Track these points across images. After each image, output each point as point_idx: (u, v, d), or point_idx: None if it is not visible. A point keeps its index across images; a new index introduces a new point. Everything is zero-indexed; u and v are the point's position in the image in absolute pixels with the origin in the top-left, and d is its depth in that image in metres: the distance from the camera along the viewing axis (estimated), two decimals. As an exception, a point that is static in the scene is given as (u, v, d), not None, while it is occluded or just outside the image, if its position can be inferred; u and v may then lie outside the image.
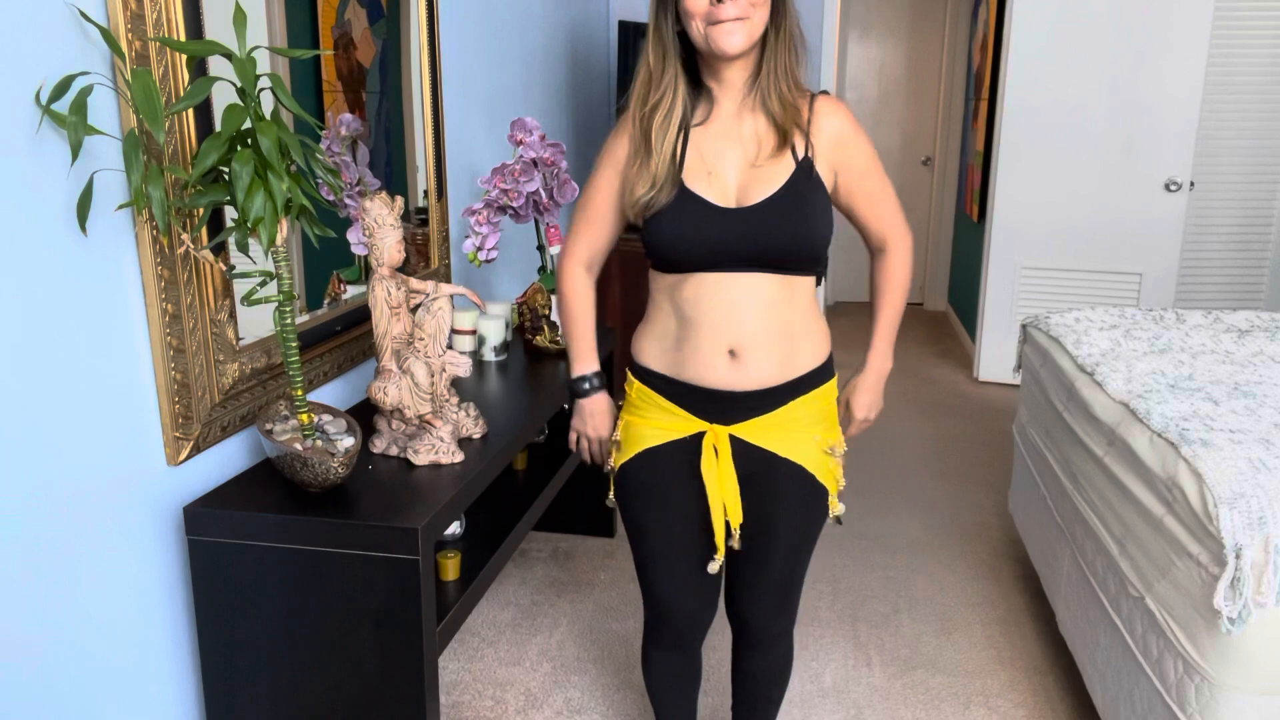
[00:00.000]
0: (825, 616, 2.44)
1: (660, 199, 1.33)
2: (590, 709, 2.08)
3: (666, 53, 1.34)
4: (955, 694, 2.12)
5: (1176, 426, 1.67)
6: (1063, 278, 4.27)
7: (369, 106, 2.04)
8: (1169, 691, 1.53)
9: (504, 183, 2.32)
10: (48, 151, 1.21)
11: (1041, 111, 4.13)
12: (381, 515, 1.42)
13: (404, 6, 2.19)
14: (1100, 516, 1.89)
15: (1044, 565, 2.30)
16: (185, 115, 1.39)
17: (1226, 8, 4.01)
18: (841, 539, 2.88)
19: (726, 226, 1.31)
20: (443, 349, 1.64)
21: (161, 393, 1.43)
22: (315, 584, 1.42)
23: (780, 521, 1.43)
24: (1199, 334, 2.37)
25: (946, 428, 3.89)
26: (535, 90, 3.32)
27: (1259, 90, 4.14)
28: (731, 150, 1.35)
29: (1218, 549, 1.40)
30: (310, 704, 1.48)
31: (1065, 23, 4.02)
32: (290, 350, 1.43)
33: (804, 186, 1.33)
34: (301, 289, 1.81)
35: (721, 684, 2.13)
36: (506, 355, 2.36)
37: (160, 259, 1.38)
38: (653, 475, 1.44)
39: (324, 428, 1.53)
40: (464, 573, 1.73)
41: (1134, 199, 4.12)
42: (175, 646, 1.53)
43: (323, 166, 1.41)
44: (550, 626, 2.40)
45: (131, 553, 1.42)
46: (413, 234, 2.28)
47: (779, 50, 1.33)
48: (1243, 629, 1.37)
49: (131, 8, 1.28)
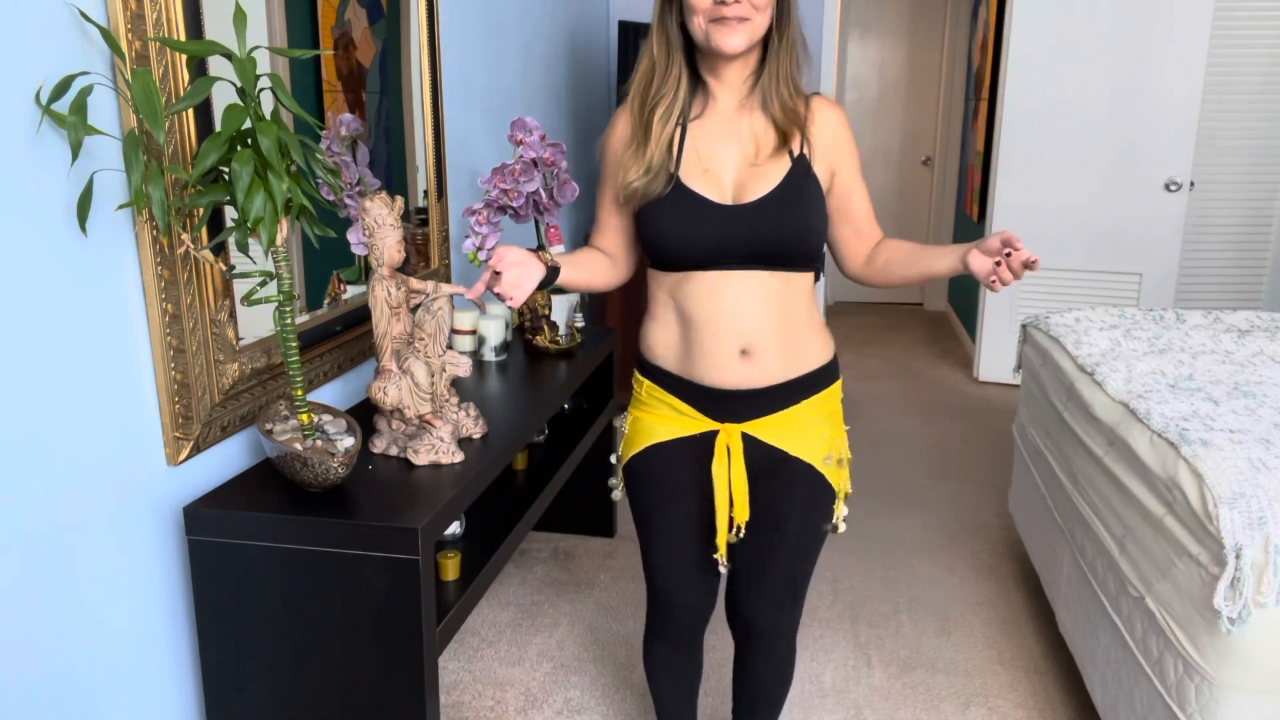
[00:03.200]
0: (825, 616, 2.44)
1: (653, 187, 1.33)
2: (590, 709, 2.08)
3: (671, 46, 1.34)
4: (955, 694, 2.12)
5: (1176, 426, 1.67)
6: (1063, 278, 4.27)
7: (369, 106, 2.04)
8: (1169, 691, 1.53)
9: (504, 183, 2.32)
10: (48, 151, 1.21)
11: (1041, 111, 4.13)
12: (381, 515, 1.42)
13: (404, 6, 2.19)
14: (1100, 516, 1.89)
15: (1044, 565, 2.30)
16: (185, 115, 1.39)
17: (1226, 8, 4.01)
18: (842, 539, 2.88)
19: (724, 223, 1.32)
20: (443, 349, 1.64)
21: (161, 393, 1.43)
22: (315, 584, 1.42)
23: (789, 520, 1.43)
24: (1199, 334, 2.37)
25: (946, 428, 3.89)
26: (535, 90, 3.32)
27: (1259, 90, 4.14)
28: (729, 148, 1.35)
29: (1218, 549, 1.40)
30: (310, 704, 1.48)
31: (1065, 23, 4.02)
32: (290, 350, 1.43)
33: (801, 183, 1.33)
34: (301, 289, 1.81)
35: (722, 684, 2.13)
36: (506, 355, 2.36)
37: (160, 259, 1.38)
38: (661, 469, 1.45)
39: (324, 428, 1.53)
40: (464, 573, 1.73)
41: (1134, 199, 4.12)
42: (175, 646, 1.53)
43: (323, 166, 1.41)
44: (550, 626, 2.40)
45: (131, 553, 1.42)
46: (413, 234, 2.28)
47: (781, 54, 1.34)
48: (1243, 629, 1.37)
49: (131, 8, 1.28)
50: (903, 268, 1.40)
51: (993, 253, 1.22)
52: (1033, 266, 1.18)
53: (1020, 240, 1.18)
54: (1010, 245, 1.19)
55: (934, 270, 1.36)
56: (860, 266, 1.46)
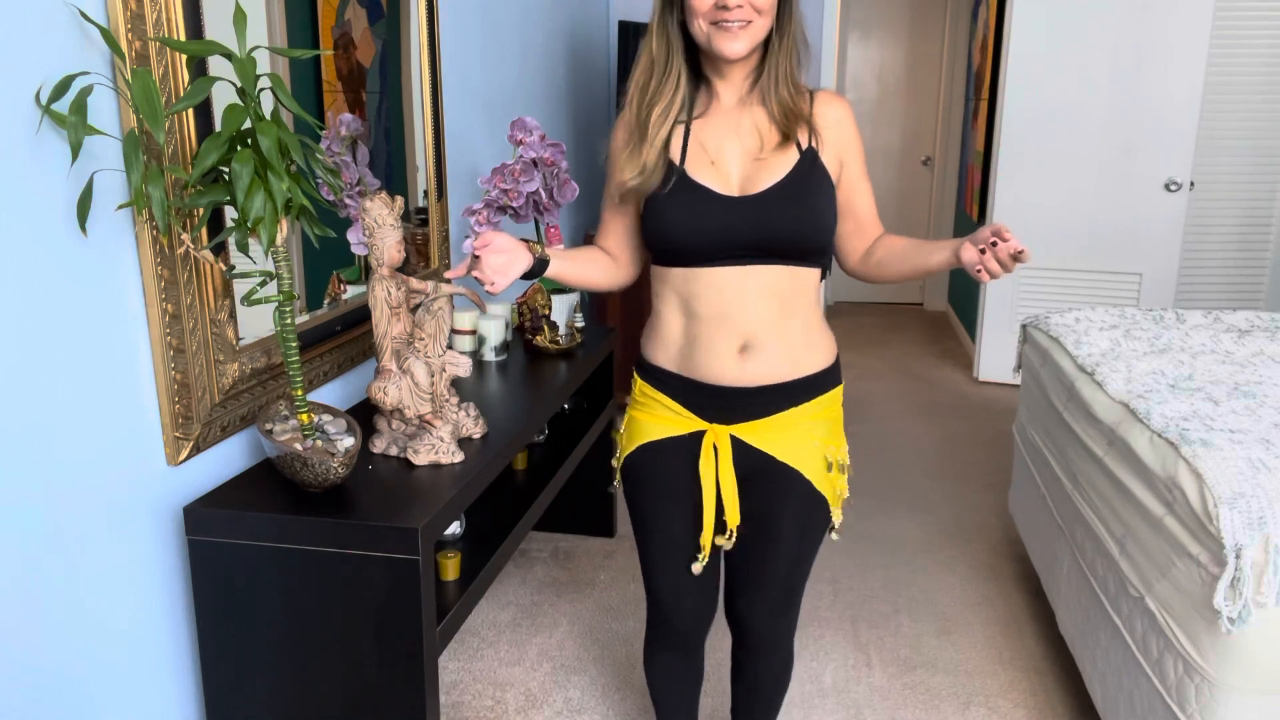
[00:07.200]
0: (825, 616, 2.44)
1: (646, 187, 1.33)
2: (590, 709, 2.08)
3: (670, 44, 1.34)
4: (955, 694, 2.12)
5: (1176, 426, 1.67)
6: (1063, 278, 4.27)
7: (369, 106, 2.04)
8: (1169, 691, 1.53)
9: (504, 183, 2.32)
10: (48, 151, 1.21)
11: (1041, 111, 4.13)
12: (381, 515, 1.42)
13: (404, 6, 2.19)
14: (1100, 516, 1.89)
15: (1044, 565, 2.30)
16: (185, 115, 1.39)
17: (1226, 8, 4.01)
18: (842, 539, 2.88)
19: (731, 215, 1.31)
20: (443, 349, 1.64)
21: (161, 393, 1.43)
22: (315, 584, 1.42)
23: (780, 525, 1.43)
24: (1199, 334, 2.37)
25: (946, 428, 3.89)
26: (535, 90, 3.32)
27: (1259, 90, 4.14)
28: (732, 143, 1.35)
29: (1218, 549, 1.40)
30: (310, 704, 1.48)
31: (1065, 23, 4.02)
32: (290, 350, 1.43)
33: (809, 174, 1.33)
34: (301, 289, 1.81)
35: (722, 685, 2.13)
36: (506, 355, 2.36)
37: (160, 259, 1.38)
38: (655, 470, 1.45)
39: (324, 428, 1.53)
40: (464, 573, 1.73)
41: (1134, 199, 4.12)
42: (175, 646, 1.53)
43: (323, 166, 1.41)
44: (550, 626, 2.40)
45: (131, 553, 1.42)
46: (413, 234, 2.28)
47: (781, 55, 1.34)
48: (1243, 629, 1.37)
49: (131, 8, 1.28)
50: (899, 263, 1.39)
51: (981, 242, 1.20)
52: (1021, 258, 1.16)
53: (1010, 232, 1.17)
54: (999, 236, 1.17)
55: (929, 265, 1.34)
56: (858, 262, 1.46)
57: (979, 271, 1.20)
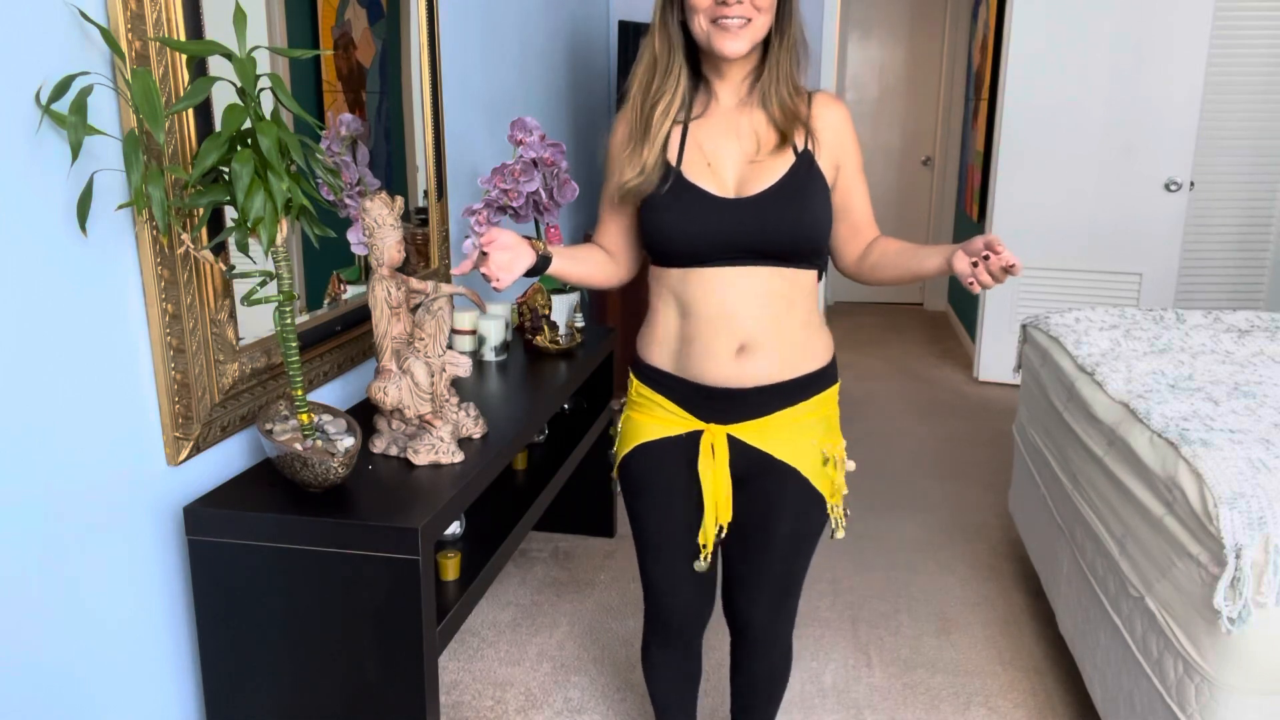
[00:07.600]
0: (825, 616, 2.44)
1: (646, 187, 1.34)
2: (590, 709, 2.08)
3: (672, 44, 1.34)
4: (955, 694, 2.12)
5: (1176, 426, 1.67)
6: (1063, 278, 4.27)
7: (369, 106, 2.04)
8: (1169, 691, 1.53)
9: (504, 183, 2.32)
10: (48, 151, 1.21)
11: (1041, 111, 4.13)
12: (381, 515, 1.42)
13: (404, 6, 2.19)
14: (1100, 516, 1.89)
15: (1044, 565, 2.30)
16: (185, 115, 1.39)
17: (1226, 8, 4.01)
18: (842, 539, 2.88)
19: (727, 217, 1.32)
20: (443, 349, 1.64)
21: (161, 393, 1.43)
22: (315, 584, 1.42)
23: (777, 523, 1.43)
24: (1199, 334, 2.37)
25: (946, 428, 3.89)
26: (535, 90, 3.33)
27: (1259, 90, 4.14)
28: (730, 144, 1.35)
29: (1218, 549, 1.40)
30: (310, 704, 1.48)
31: (1065, 23, 4.02)
32: (290, 350, 1.43)
33: (804, 177, 1.33)
34: (301, 289, 1.81)
35: (721, 684, 2.13)
36: (506, 355, 2.36)
37: (160, 259, 1.38)
38: (651, 470, 1.45)
39: (324, 428, 1.53)
40: (464, 573, 1.73)
41: (1134, 199, 4.12)
42: (175, 646, 1.53)
43: (323, 166, 1.41)
44: (550, 626, 2.40)
45: (131, 553, 1.42)
46: (413, 234, 2.28)
47: (781, 55, 1.34)
48: (1243, 629, 1.37)
49: (131, 8, 1.28)
50: (893, 266, 1.39)
51: (974, 253, 1.21)
52: (1013, 271, 1.17)
53: (1003, 244, 1.17)
54: (992, 248, 1.17)
55: (923, 270, 1.35)
56: (853, 264, 1.46)
57: (971, 283, 1.20)
